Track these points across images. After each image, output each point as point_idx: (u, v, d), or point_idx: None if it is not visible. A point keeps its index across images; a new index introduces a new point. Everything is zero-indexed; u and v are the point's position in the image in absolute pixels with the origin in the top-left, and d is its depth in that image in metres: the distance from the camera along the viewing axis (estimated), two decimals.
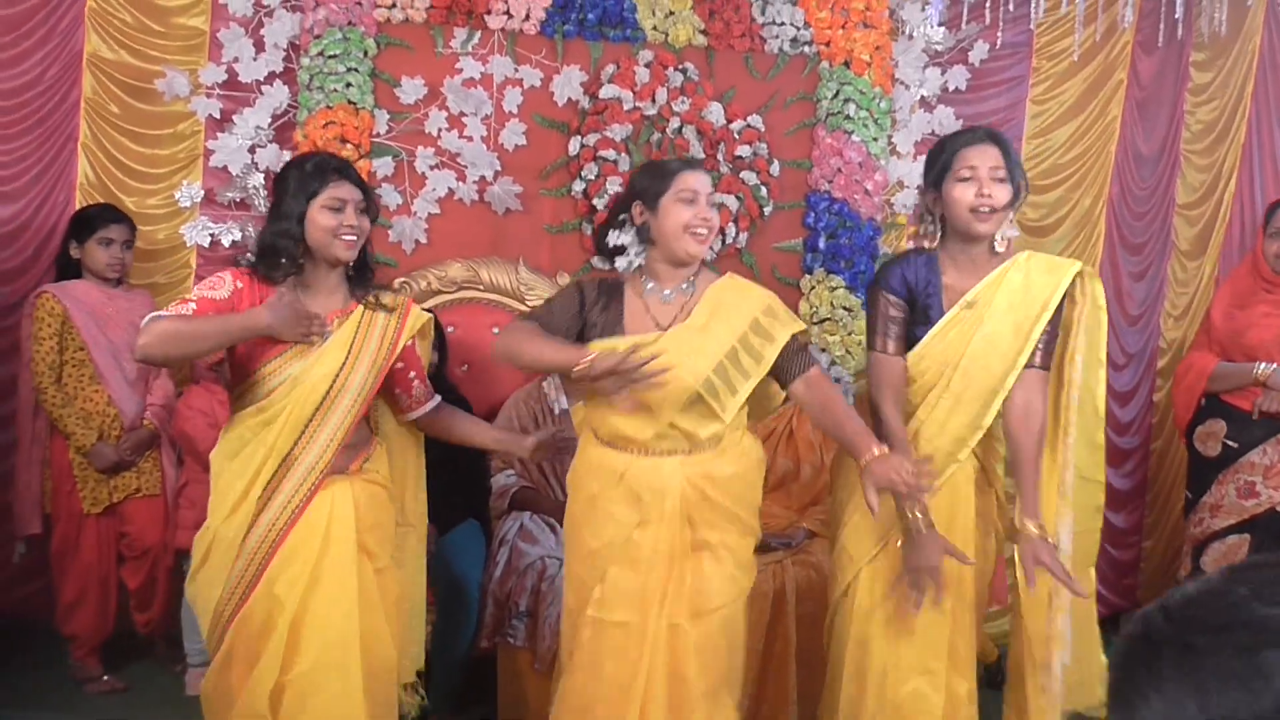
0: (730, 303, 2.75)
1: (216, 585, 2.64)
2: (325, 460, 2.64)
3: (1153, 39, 4.58)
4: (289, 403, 2.61)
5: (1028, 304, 2.70)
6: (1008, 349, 2.70)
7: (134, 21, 4.21)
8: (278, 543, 2.62)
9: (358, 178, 2.74)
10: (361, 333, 2.72)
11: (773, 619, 3.50)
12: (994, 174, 2.68)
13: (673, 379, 2.61)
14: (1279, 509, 3.75)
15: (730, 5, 4.40)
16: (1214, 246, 4.82)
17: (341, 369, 2.66)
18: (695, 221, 2.69)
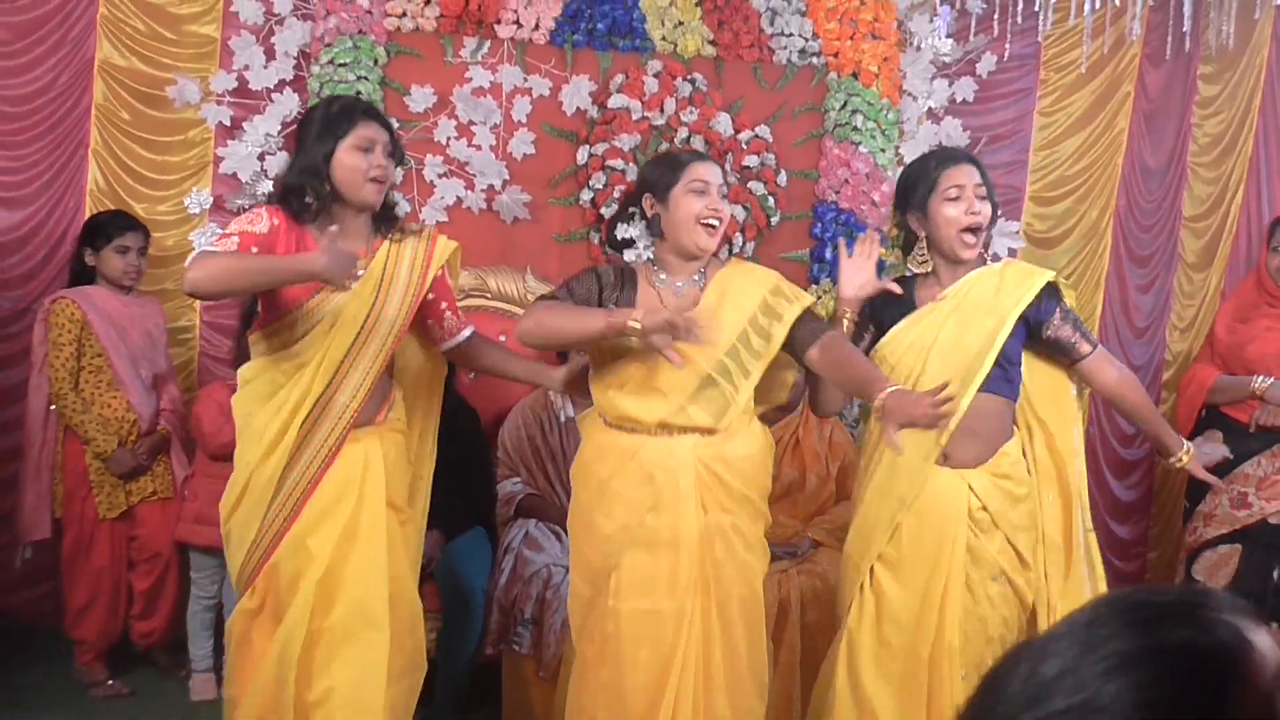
0: (738, 286, 2.78)
1: (251, 525, 2.67)
2: (358, 400, 2.66)
3: (1160, 52, 4.59)
4: (323, 343, 2.63)
5: (1001, 297, 2.72)
6: (981, 326, 2.70)
7: (145, 29, 4.24)
8: (309, 489, 2.65)
9: (385, 120, 2.73)
10: (390, 266, 2.72)
11: (777, 628, 3.50)
12: (977, 192, 2.73)
13: (685, 361, 2.63)
14: (1270, 520, 3.79)
15: (739, 16, 4.41)
16: (1220, 259, 4.83)
17: (374, 305, 2.67)
18: (706, 212, 2.70)
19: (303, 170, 2.65)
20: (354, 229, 2.71)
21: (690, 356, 2.65)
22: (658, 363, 2.65)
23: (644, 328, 2.50)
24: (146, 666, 4.09)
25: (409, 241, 2.76)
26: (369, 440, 2.72)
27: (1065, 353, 2.80)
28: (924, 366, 2.73)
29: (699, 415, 2.70)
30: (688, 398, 2.69)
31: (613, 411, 2.75)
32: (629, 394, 2.71)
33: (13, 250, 4.19)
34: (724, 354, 2.71)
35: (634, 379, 2.71)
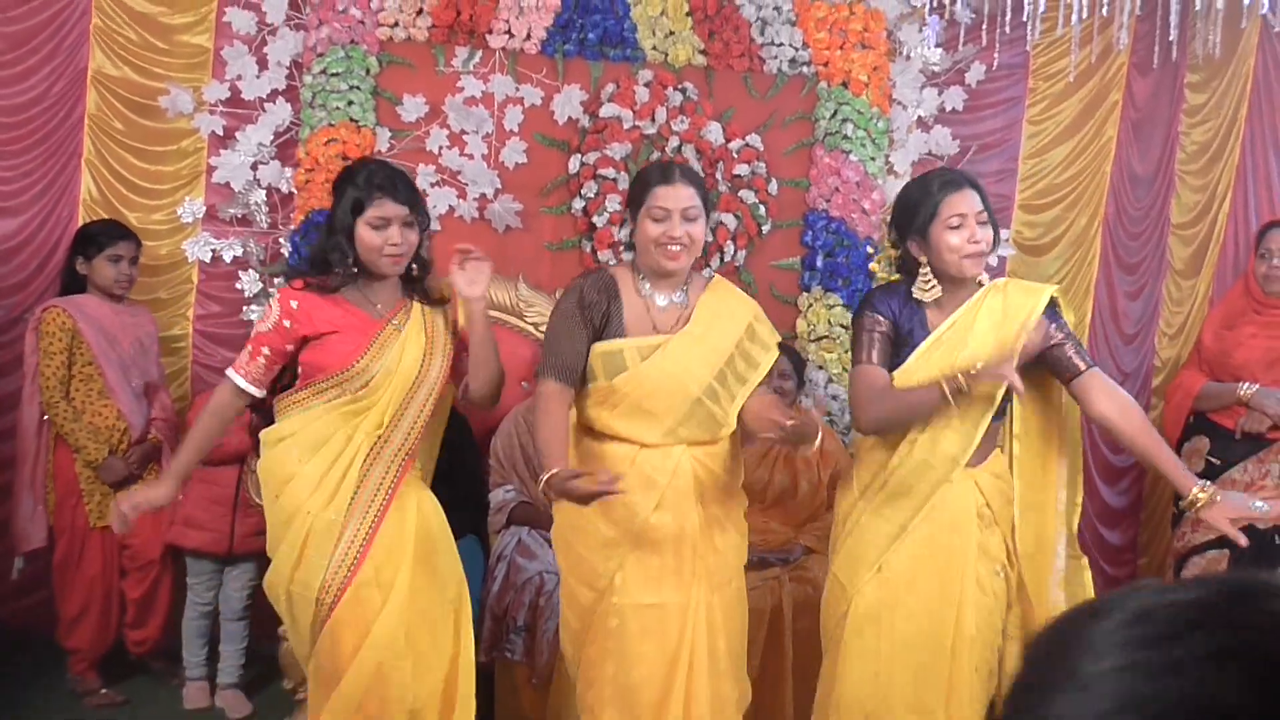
0: (725, 311, 2.83)
1: (315, 578, 2.69)
2: (409, 444, 2.77)
3: (1148, 61, 4.62)
4: (382, 391, 2.73)
5: (1007, 323, 2.72)
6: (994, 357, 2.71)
7: (138, 39, 4.25)
8: (370, 536, 2.71)
9: (407, 191, 2.78)
10: (429, 325, 2.83)
11: (769, 635, 3.52)
12: (979, 218, 2.70)
13: (678, 385, 2.69)
14: (1258, 525, 3.81)
15: (729, 26, 4.44)
16: (1208, 266, 4.86)
17: (425, 357, 2.78)
18: (664, 239, 2.72)
19: (330, 246, 2.77)
20: (386, 287, 2.82)
21: (682, 382, 2.71)
22: (650, 390, 2.71)
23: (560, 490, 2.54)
24: (140, 675, 4.09)
25: (440, 310, 2.88)
26: (415, 484, 2.84)
27: (1060, 370, 2.78)
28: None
29: (690, 433, 2.76)
30: (678, 421, 2.74)
31: (602, 426, 2.78)
32: (620, 416, 2.74)
33: (6, 259, 4.20)
34: (714, 378, 2.75)
35: (625, 402, 2.73)
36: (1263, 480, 3.83)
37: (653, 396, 2.71)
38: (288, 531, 2.72)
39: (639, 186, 2.80)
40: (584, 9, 4.35)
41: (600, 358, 2.75)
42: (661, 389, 2.72)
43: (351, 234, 2.74)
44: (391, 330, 2.77)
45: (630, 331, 2.76)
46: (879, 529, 2.75)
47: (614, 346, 2.74)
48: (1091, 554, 4.80)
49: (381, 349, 2.74)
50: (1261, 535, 3.82)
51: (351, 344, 2.73)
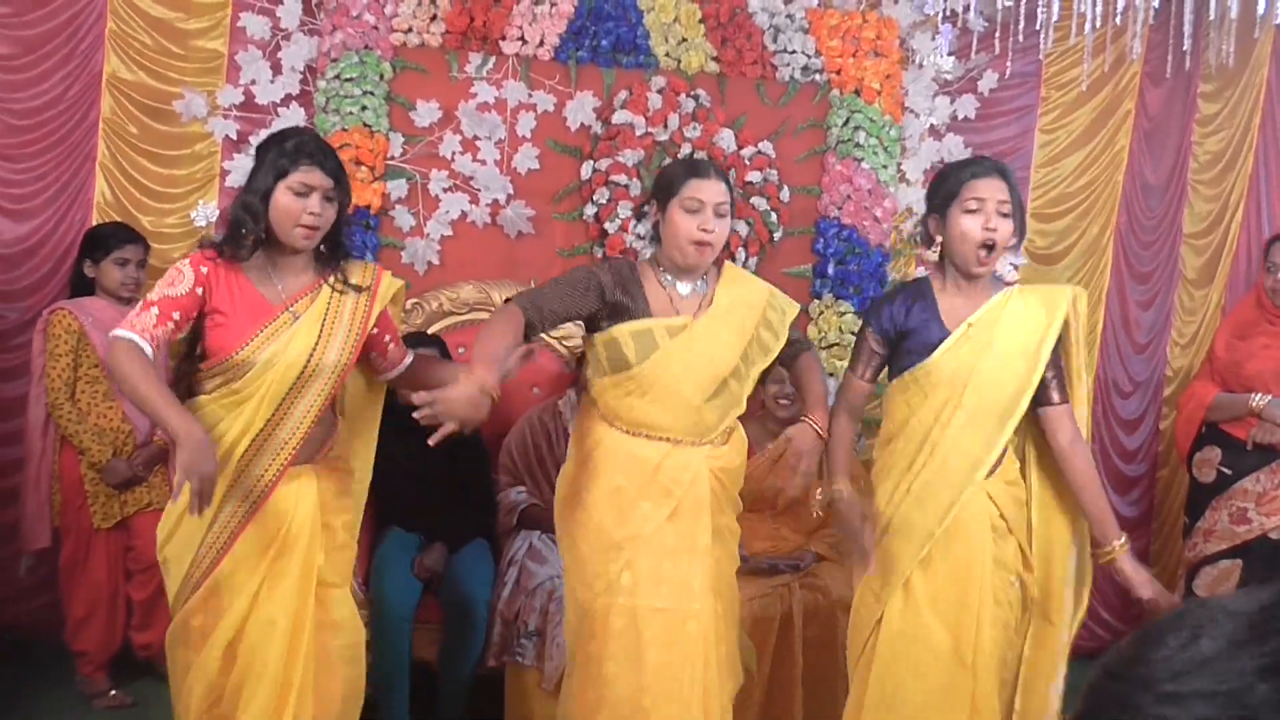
0: (742, 296, 2.86)
1: (185, 556, 2.63)
2: (298, 436, 2.63)
3: (1161, 70, 4.62)
4: (265, 381, 2.59)
5: (1030, 329, 2.72)
6: (1018, 369, 2.71)
7: (153, 43, 4.27)
8: (242, 525, 2.61)
9: (334, 164, 2.66)
10: (332, 311, 2.68)
11: (779, 642, 3.51)
12: (1000, 208, 2.67)
13: (710, 362, 2.73)
14: (1270, 535, 3.81)
15: (742, 33, 4.45)
16: (1221, 276, 4.85)
17: (315, 349, 2.63)
18: (696, 233, 2.72)
19: (244, 206, 2.62)
20: (296, 265, 2.69)
21: (714, 360, 2.75)
22: (681, 370, 2.72)
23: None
24: (149, 676, 4.09)
25: (351, 295, 2.72)
26: (305, 478, 2.68)
27: (1043, 389, 2.76)
28: (960, 400, 2.72)
29: (710, 416, 2.76)
30: (705, 400, 2.75)
31: (629, 416, 2.76)
32: (654, 401, 2.73)
33: (19, 262, 4.22)
34: (739, 358, 2.78)
35: (657, 385, 2.72)
36: (1274, 491, 3.82)
37: (684, 376, 2.72)
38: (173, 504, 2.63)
39: (671, 178, 2.79)
40: (597, 16, 4.36)
41: (631, 337, 2.73)
42: (694, 367, 2.73)
43: (267, 199, 2.60)
44: (286, 318, 2.63)
45: (656, 313, 2.76)
46: (909, 535, 2.74)
47: (642, 326, 2.73)
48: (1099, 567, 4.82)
49: (269, 338, 2.61)
50: (1274, 545, 3.81)
51: (237, 330, 2.59)
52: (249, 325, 2.60)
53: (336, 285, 2.71)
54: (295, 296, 2.67)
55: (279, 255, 2.67)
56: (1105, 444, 4.85)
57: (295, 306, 2.65)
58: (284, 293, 2.67)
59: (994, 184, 2.69)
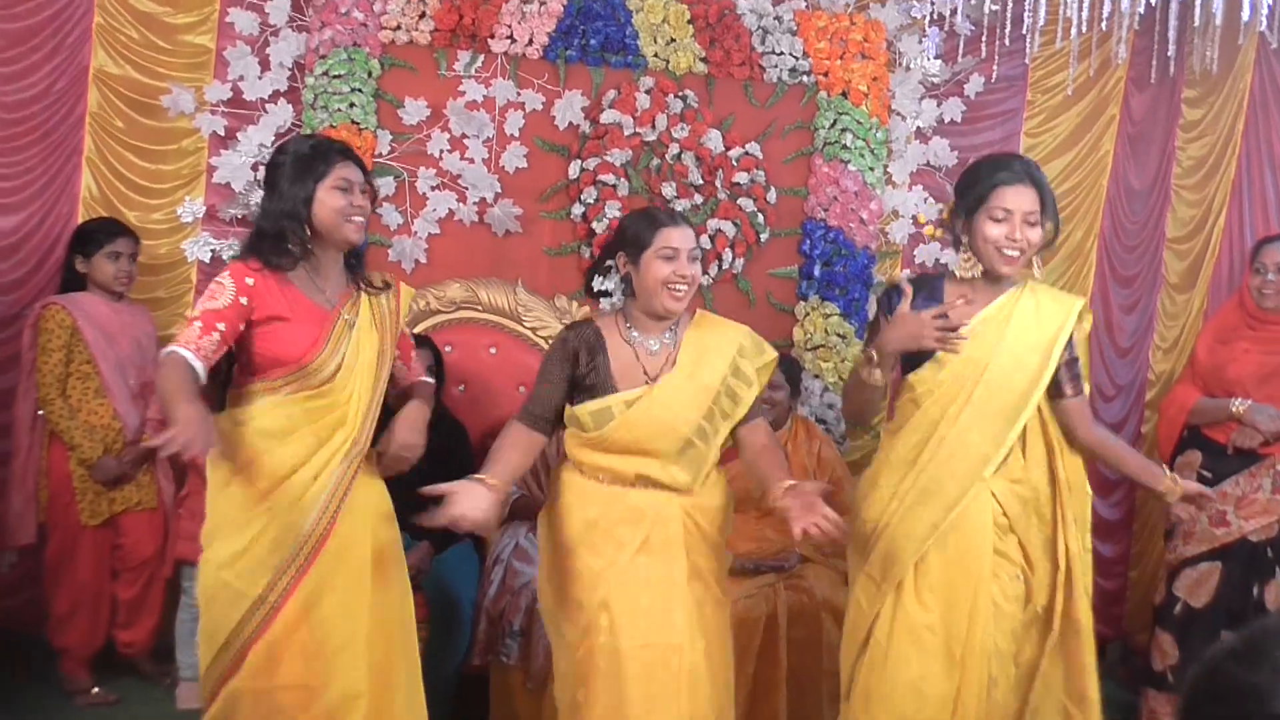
0: (711, 346, 2.82)
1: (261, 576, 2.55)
2: (366, 436, 2.69)
3: (1145, 75, 4.66)
4: (350, 387, 2.64)
5: (1042, 326, 2.72)
6: (1029, 365, 2.70)
7: (140, 38, 4.26)
8: (328, 531, 2.59)
9: (358, 159, 2.73)
10: (378, 313, 2.76)
11: (764, 642, 3.52)
12: (1028, 218, 2.65)
13: (667, 429, 2.71)
14: (1249, 537, 3.84)
15: (730, 34, 4.46)
16: (1203, 280, 4.88)
17: (381, 351, 2.73)
18: (674, 278, 2.73)
19: (282, 214, 2.61)
20: (336, 270, 2.71)
21: (673, 425, 2.73)
22: (640, 434, 2.72)
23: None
24: (132, 674, 4.08)
25: (384, 296, 2.80)
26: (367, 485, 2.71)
27: (1056, 385, 2.77)
28: (969, 397, 2.70)
29: (679, 475, 2.75)
30: (670, 460, 2.74)
31: (591, 465, 2.78)
32: (614, 454, 2.74)
33: (5, 256, 4.20)
34: (702, 417, 2.76)
35: (616, 446, 2.73)
36: (1254, 494, 3.85)
37: (643, 440, 2.72)
38: (239, 520, 2.56)
39: (642, 230, 2.77)
40: (586, 15, 4.37)
41: (590, 416, 2.74)
42: (652, 433, 2.72)
43: (308, 205, 2.60)
44: (343, 324, 2.66)
45: (620, 384, 2.75)
46: (912, 529, 2.72)
47: (602, 404, 2.74)
48: None
49: (337, 343, 2.64)
50: (1254, 547, 3.84)
51: (305, 335, 2.59)
52: (314, 331, 2.61)
53: (368, 289, 2.76)
54: (342, 302, 2.69)
55: (319, 261, 2.68)
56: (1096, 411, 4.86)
57: (346, 313, 2.68)
58: (331, 299, 2.68)
59: (1024, 193, 2.65)
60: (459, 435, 4.00)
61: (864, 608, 2.82)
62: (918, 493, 2.74)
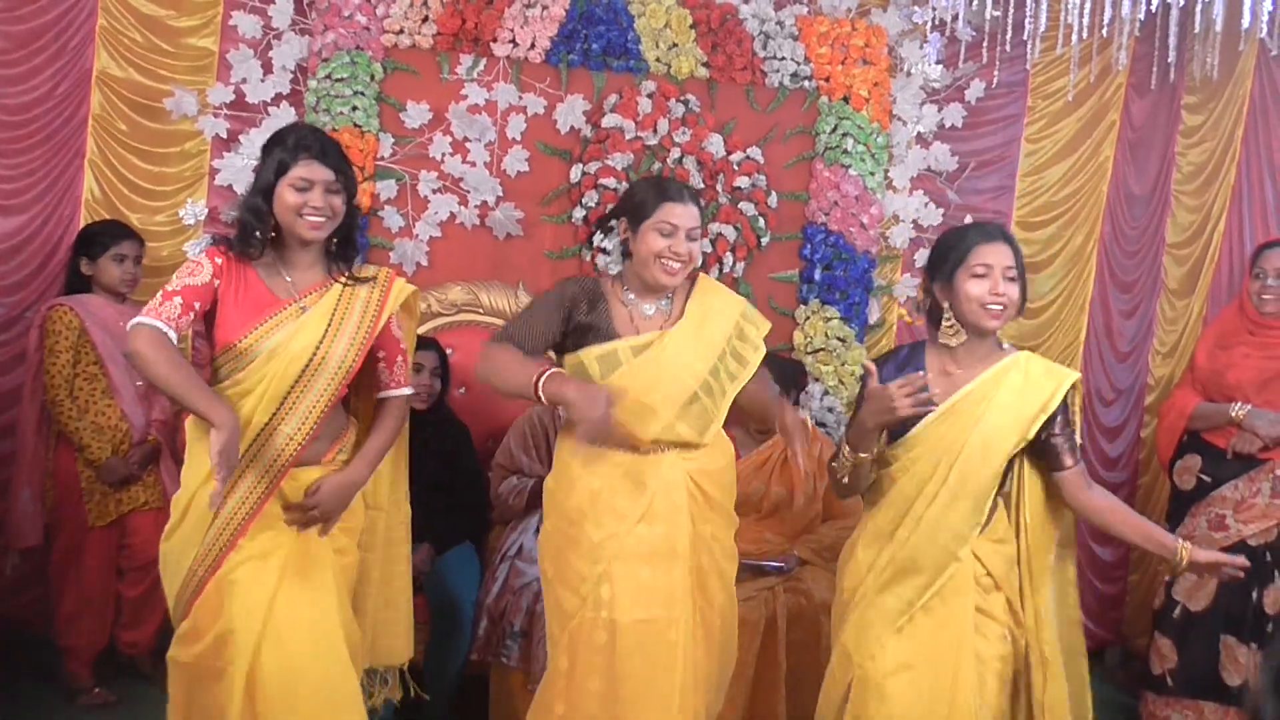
0: (716, 308, 2.88)
1: (190, 549, 2.61)
2: (304, 432, 2.61)
3: (1146, 81, 4.67)
4: (267, 373, 2.58)
5: (1026, 403, 2.66)
6: (1005, 444, 2.66)
7: (144, 41, 4.27)
8: (245, 522, 2.59)
9: (335, 157, 2.66)
10: (342, 306, 2.68)
11: (763, 645, 3.53)
12: (1007, 273, 2.65)
13: (674, 378, 2.74)
14: (1248, 541, 3.85)
15: (732, 39, 4.47)
16: (1203, 286, 4.89)
17: (321, 341, 2.63)
18: (667, 254, 2.76)
19: (248, 205, 2.65)
20: (305, 261, 2.70)
21: (680, 375, 2.75)
22: (648, 383, 2.74)
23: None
24: (133, 675, 4.09)
25: (364, 288, 2.73)
26: (309, 478, 2.67)
27: (1050, 458, 2.72)
28: (945, 479, 2.65)
29: (685, 430, 2.78)
30: (676, 414, 2.76)
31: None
32: (621, 412, 2.74)
33: (7, 258, 4.20)
34: (709, 372, 2.80)
35: (624, 399, 2.73)
36: (1253, 499, 3.86)
37: (651, 389, 2.74)
38: (180, 497, 2.65)
39: (644, 198, 2.82)
40: (588, 20, 4.38)
41: (596, 360, 2.77)
42: (660, 381, 2.75)
43: (271, 195, 2.62)
44: (294, 310, 2.63)
45: (621, 332, 2.79)
46: (887, 604, 2.69)
47: (608, 348, 2.77)
48: (1084, 570, 4.86)
49: (273, 329, 2.61)
50: (1252, 551, 3.85)
51: (238, 321, 2.60)
52: (251, 316, 2.61)
53: (347, 282, 2.71)
54: (305, 291, 2.67)
55: (288, 252, 2.69)
56: (1087, 451, 4.88)
57: (304, 300, 2.65)
58: (295, 287, 2.67)
59: (1001, 249, 2.66)
60: (462, 437, 4.01)
61: (838, 677, 2.77)
62: (895, 570, 2.69)
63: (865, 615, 2.72)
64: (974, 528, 2.66)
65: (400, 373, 2.83)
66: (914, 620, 2.68)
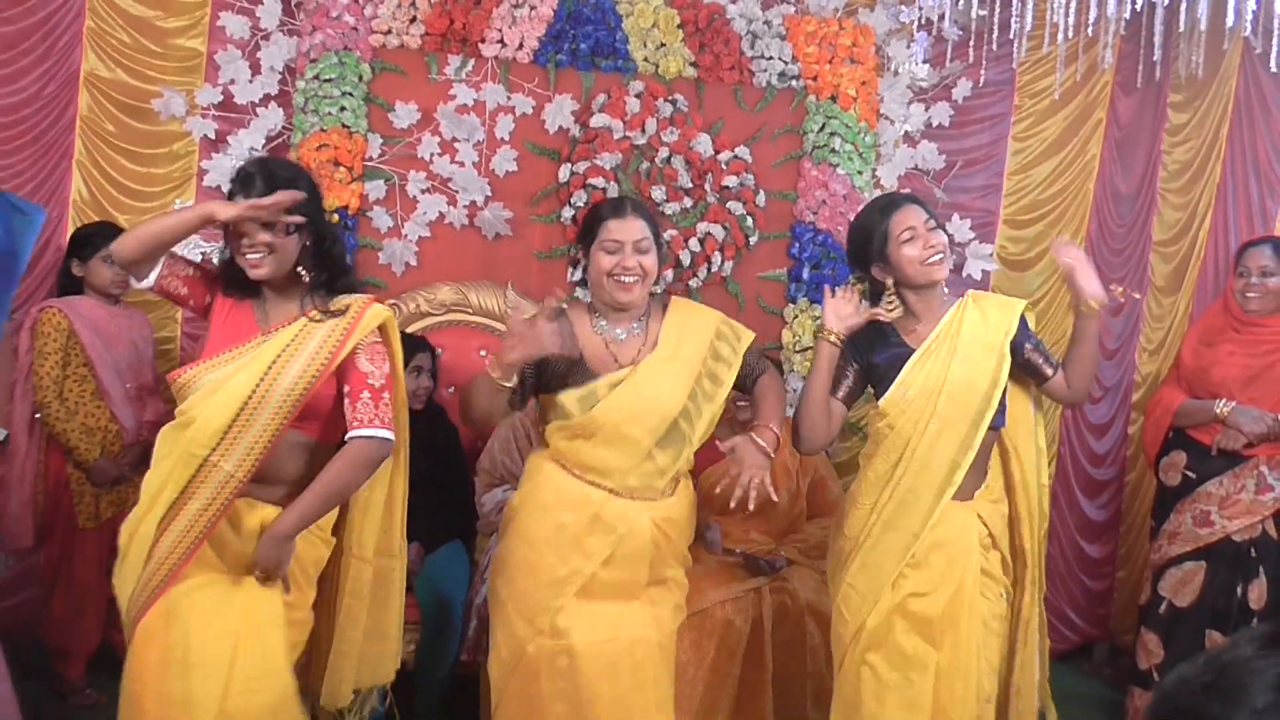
0: (691, 328, 2.89)
1: (130, 580, 2.56)
2: (244, 470, 2.51)
3: (1132, 80, 4.69)
4: (205, 409, 2.52)
5: (990, 331, 2.88)
6: (985, 368, 2.84)
7: (131, 42, 4.27)
8: (185, 557, 2.52)
9: (266, 185, 2.53)
10: (298, 341, 2.57)
11: (750, 645, 3.54)
12: (928, 226, 2.84)
13: (654, 407, 2.75)
14: (1233, 537, 3.88)
15: (720, 39, 4.48)
16: (1188, 283, 4.91)
17: (262, 380, 2.52)
18: (617, 270, 2.78)
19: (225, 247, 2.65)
20: (284, 293, 2.64)
21: (659, 404, 2.77)
22: (628, 415, 2.75)
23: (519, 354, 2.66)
24: None
25: (329, 322, 2.60)
26: (266, 513, 2.59)
27: (1034, 374, 2.98)
28: (935, 409, 2.83)
29: (662, 459, 2.79)
30: (655, 442, 2.78)
31: (576, 458, 2.79)
32: (599, 444, 2.75)
33: None
34: (687, 397, 2.81)
35: (602, 430, 2.75)
36: (1238, 495, 3.88)
37: (631, 421, 2.75)
38: (123, 527, 2.62)
39: (590, 222, 2.85)
40: (576, 20, 4.39)
41: (576, 401, 2.77)
42: (640, 413, 2.76)
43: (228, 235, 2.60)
44: (257, 340, 2.58)
45: (594, 367, 2.79)
46: (894, 539, 2.83)
47: (586, 390, 2.77)
48: (1072, 567, 4.89)
49: (224, 362, 2.56)
50: (1238, 547, 3.88)
51: (212, 346, 2.61)
52: (220, 346, 2.60)
53: (314, 316, 2.61)
54: (275, 325, 2.61)
55: (268, 287, 2.65)
56: (1074, 448, 4.91)
57: (275, 335, 2.59)
58: (268, 321, 2.63)
59: (913, 210, 2.86)
60: (452, 435, 4.02)
61: (847, 617, 2.88)
62: (895, 505, 2.83)
63: (871, 555, 2.85)
64: (966, 452, 2.81)
65: (364, 412, 2.58)
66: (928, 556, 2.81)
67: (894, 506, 2.84)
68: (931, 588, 2.81)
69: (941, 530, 2.81)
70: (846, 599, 2.89)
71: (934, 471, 2.81)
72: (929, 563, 2.81)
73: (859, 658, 2.83)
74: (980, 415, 2.81)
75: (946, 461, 2.81)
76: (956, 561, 2.83)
